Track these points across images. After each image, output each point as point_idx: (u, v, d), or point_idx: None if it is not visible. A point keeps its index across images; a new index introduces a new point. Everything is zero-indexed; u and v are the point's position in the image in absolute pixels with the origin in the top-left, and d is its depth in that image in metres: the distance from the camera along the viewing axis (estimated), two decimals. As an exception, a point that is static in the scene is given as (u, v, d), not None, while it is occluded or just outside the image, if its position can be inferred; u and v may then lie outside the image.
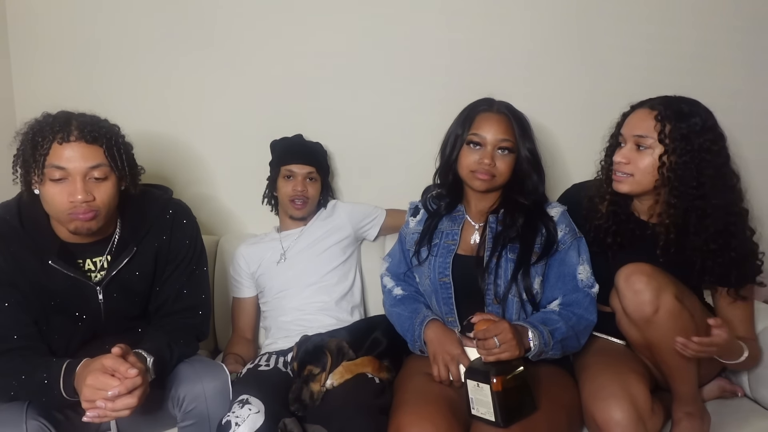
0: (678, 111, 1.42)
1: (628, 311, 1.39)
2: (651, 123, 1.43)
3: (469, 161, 1.51)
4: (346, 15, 2.04)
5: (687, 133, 1.40)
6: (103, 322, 1.38)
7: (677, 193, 1.42)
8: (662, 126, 1.41)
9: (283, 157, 1.90)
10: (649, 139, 1.43)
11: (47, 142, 1.25)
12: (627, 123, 1.50)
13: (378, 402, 1.40)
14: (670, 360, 1.39)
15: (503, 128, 1.51)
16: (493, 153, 1.50)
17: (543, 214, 1.53)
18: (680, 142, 1.40)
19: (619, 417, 1.29)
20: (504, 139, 1.50)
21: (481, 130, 1.51)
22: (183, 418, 1.33)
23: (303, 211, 1.88)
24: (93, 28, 2.07)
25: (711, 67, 1.99)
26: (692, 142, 1.40)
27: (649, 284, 1.35)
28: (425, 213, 1.64)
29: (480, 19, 2.02)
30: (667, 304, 1.35)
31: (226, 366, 1.44)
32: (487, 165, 1.48)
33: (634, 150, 1.46)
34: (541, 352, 1.37)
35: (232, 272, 1.92)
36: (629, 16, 2.00)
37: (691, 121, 1.41)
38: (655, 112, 1.43)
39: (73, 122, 1.28)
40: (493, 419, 1.25)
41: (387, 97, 2.07)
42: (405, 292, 1.63)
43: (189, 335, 1.44)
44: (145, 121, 2.11)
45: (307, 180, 1.87)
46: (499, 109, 1.54)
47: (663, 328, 1.35)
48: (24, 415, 1.22)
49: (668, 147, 1.40)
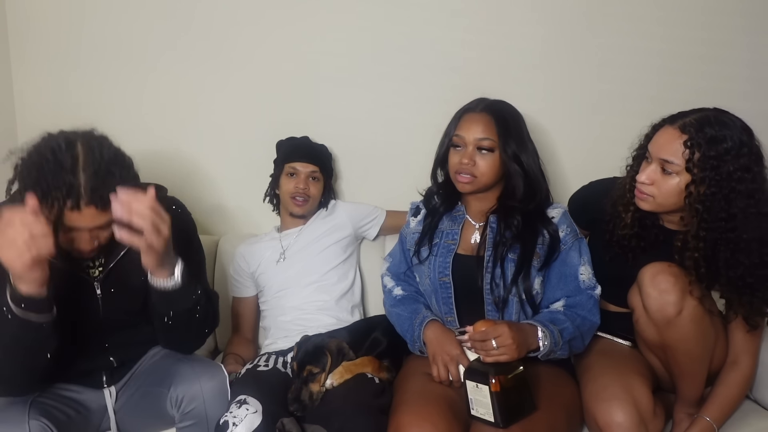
0: (711, 137, 1.29)
1: (650, 310, 1.35)
2: (679, 148, 1.32)
3: (453, 162, 1.51)
4: (347, 15, 2.03)
5: (717, 163, 1.28)
6: (101, 317, 1.38)
7: (706, 225, 1.32)
8: (691, 153, 1.30)
9: (287, 154, 1.91)
10: (675, 165, 1.33)
11: (56, 206, 1.16)
12: (655, 141, 1.39)
13: (378, 402, 1.40)
14: (684, 363, 1.38)
15: (482, 127, 1.49)
16: (473, 153, 1.49)
17: (543, 218, 1.52)
18: (710, 171, 1.29)
19: (621, 419, 1.28)
20: (482, 138, 1.48)
21: (461, 130, 1.51)
22: (181, 418, 1.32)
23: (303, 209, 1.87)
24: (93, 29, 2.07)
25: (712, 67, 1.97)
26: (722, 171, 1.28)
27: (676, 285, 1.32)
28: (426, 213, 1.64)
29: (483, 20, 2.01)
30: (691, 307, 1.32)
31: (225, 366, 1.44)
32: (466, 165, 1.48)
33: (659, 172, 1.36)
34: (550, 352, 1.36)
35: (232, 272, 1.92)
36: (631, 16, 1.98)
37: (722, 146, 1.29)
38: (686, 136, 1.31)
39: (82, 184, 1.16)
40: (492, 420, 1.25)
41: (388, 97, 2.07)
42: (405, 293, 1.63)
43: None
44: (144, 121, 2.11)
45: (309, 179, 1.87)
46: (483, 109, 1.53)
47: (683, 330, 1.33)
48: (26, 415, 1.21)
49: (696, 176, 1.30)
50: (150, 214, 1.14)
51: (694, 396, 1.43)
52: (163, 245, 1.17)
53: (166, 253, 1.21)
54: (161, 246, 1.17)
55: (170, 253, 1.23)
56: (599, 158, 1.64)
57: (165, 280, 1.25)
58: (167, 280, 1.25)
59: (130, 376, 1.48)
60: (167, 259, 1.23)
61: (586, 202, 1.62)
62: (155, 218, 1.15)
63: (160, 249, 1.17)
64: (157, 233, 1.15)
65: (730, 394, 1.43)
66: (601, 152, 1.58)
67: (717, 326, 1.43)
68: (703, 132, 1.30)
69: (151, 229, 1.14)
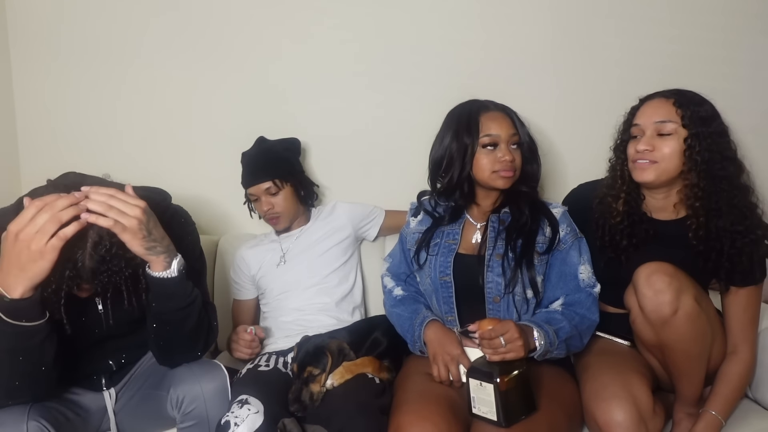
0: (692, 98, 1.44)
1: (646, 310, 1.37)
2: (671, 109, 1.43)
3: (487, 163, 1.50)
4: (346, 15, 2.03)
5: (706, 117, 1.41)
6: (104, 330, 1.37)
7: (705, 174, 1.40)
8: (684, 111, 1.41)
9: (243, 180, 1.88)
10: (671, 124, 1.42)
11: (62, 288, 1.16)
12: (642, 113, 1.48)
13: (378, 402, 1.40)
14: (682, 362, 1.39)
15: (508, 122, 1.53)
16: (509, 148, 1.51)
17: (543, 207, 1.54)
18: (702, 126, 1.40)
19: (621, 418, 1.28)
20: (513, 133, 1.52)
21: (492, 129, 1.51)
22: (182, 419, 1.32)
23: (282, 224, 1.86)
24: (93, 29, 2.07)
25: (717, 68, 1.98)
26: (710, 125, 1.41)
27: (671, 285, 1.33)
28: (426, 214, 1.64)
29: (482, 20, 2.01)
30: (687, 307, 1.33)
31: (238, 334, 1.61)
32: (509, 162, 1.50)
33: (656, 137, 1.44)
34: (546, 352, 1.36)
35: (233, 275, 1.91)
36: (630, 16, 1.99)
37: (705, 106, 1.43)
38: (672, 99, 1.44)
39: (85, 270, 1.15)
40: (495, 419, 1.25)
41: (387, 97, 2.07)
42: (405, 293, 1.63)
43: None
44: (143, 122, 2.11)
45: (268, 196, 1.82)
46: (496, 107, 1.55)
47: (680, 329, 1.34)
48: (26, 416, 1.21)
49: (692, 130, 1.40)
50: (104, 198, 1.14)
51: (693, 395, 1.43)
52: (136, 225, 1.16)
53: (153, 239, 1.20)
54: (134, 225, 1.15)
55: (161, 241, 1.22)
56: (596, 157, 1.64)
57: (161, 272, 1.24)
58: (164, 272, 1.24)
59: (129, 378, 1.48)
60: (159, 247, 1.22)
61: (576, 206, 1.62)
62: (113, 201, 1.15)
63: (134, 228, 1.15)
64: (119, 213, 1.14)
65: (732, 386, 1.44)
66: (607, 153, 1.60)
67: (714, 325, 1.43)
68: (686, 96, 1.45)
69: (107, 209, 1.14)
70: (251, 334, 1.68)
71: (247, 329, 1.69)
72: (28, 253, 1.08)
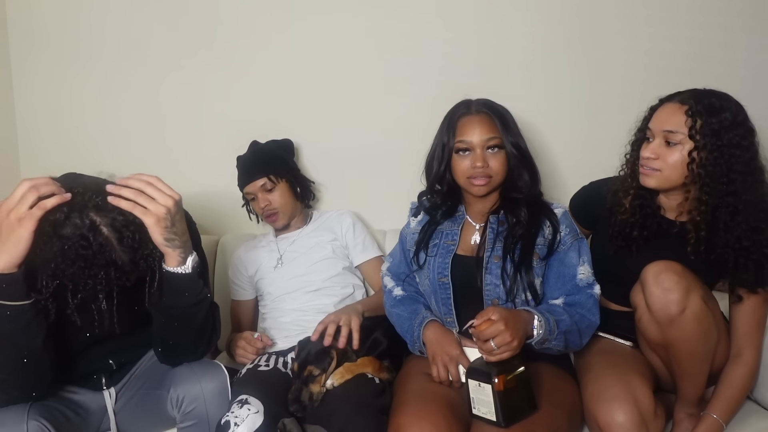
0: (709, 106, 1.37)
1: (653, 309, 1.36)
2: (681, 118, 1.38)
3: (463, 168, 1.50)
4: (342, 15, 2.04)
5: (718, 128, 1.35)
6: (107, 326, 1.37)
7: (708, 189, 1.37)
8: (693, 121, 1.36)
9: (239, 181, 1.89)
10: (678, 134, 1.38)
11: (113, 291, 1.20)
12: (656, 117, 1.44)
13: (378, 402, 1.40)
14: (686, 362, 1.38)
15: (486, 127, 1.49)
16: (484, 154, 1.49)
17: (545, 208, 1.53)
18: (711, 137, 1.35)
19: (622, 419, 1.28)
20: (490, 138, 1.49)
21: (465, 135, 1.50)
22: (182, 419, 1.32)
23: (281, 222, 1.86)
24: (93, 29, 2.07)
25: (712, 67, 1.98)
26: (722, 138, 1.35)
27: (679, 284, 1.32)
28: (425, 212, 1.64)
29: (477, 19, 2.02)
30: (694, 306, 1.32)
31: (246, 340, 1.60)
32: (480, 168, 1.48)
33: (663, 145, 1.41)
34: (544, 340, 1.35)
35: (231, 276, 1.91)
36: (629, 16, 1.99)
37: (721, 116, 1.36)
38: (686, 107, 1.38)
39: (126, 263, 1.17)
40: (494, 419, 1.25)
41: (384, 97, 2.07)
42: (405, 293, 1.63)
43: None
44: (143, 122, 2.12)
45: (265, 192, 1.83)
46: (478, 110, 1.53)
47: (686, 329, 1.33)
48: (25, 415, 1.21)
49: (698, 143, 1.36)
50: (141, 185, 1.17)
51: (695, 396, 1.43)
52: (164, 212, 1.17)
53: (174, 232, 1.20)
54: (161, 212, 1.16)
55: (181, 236, 1.23)
56: (594, 157, 1.64)
57: (175, 267, 1.25)
58: (178, 267, 1.25)
59: (129, 378, 1.48)
60: (177, 241, 1.22)
61: (588, 202, 1.63)
62: (149, 188, 1.17)
63: (160, 214, 1.16)
64: (148, 199, 1.16)
65: (735, 390, 1.44)
66: (596, 151, 1.59)
67: (719, 326, 1.43)
68: (703, 103, 1.38)
69: (138, 193, 1.16)
70: (261, 341, 1.67)
71: (255, 335, 1.69)
72: (8, 223, 1.10)
